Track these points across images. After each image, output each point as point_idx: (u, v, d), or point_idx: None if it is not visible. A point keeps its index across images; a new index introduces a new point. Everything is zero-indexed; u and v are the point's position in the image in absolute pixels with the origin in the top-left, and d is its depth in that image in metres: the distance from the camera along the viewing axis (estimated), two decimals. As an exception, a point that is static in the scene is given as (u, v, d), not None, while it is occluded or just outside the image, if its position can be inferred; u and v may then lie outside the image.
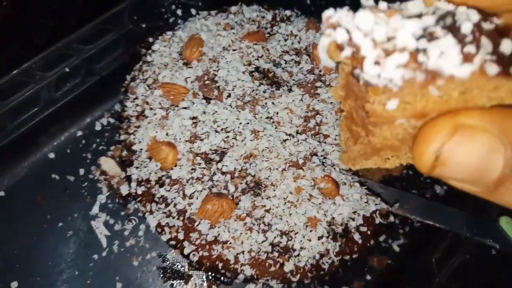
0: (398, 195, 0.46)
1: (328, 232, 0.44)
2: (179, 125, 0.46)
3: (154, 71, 0.50)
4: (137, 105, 0.49)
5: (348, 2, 0.57)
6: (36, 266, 0.45)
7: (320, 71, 0.51)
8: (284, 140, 0.46)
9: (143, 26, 0.53)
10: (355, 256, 0.46)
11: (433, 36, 0.17)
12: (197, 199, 0.44)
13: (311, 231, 0.44)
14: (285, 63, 0.52)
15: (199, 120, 0.46)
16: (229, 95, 0.48)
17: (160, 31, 0.53)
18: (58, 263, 0.45)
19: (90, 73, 0.50)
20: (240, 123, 0.46)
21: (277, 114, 0.48)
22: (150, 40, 0.53)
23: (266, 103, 0.48)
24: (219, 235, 0.43)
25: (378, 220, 0.46)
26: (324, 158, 0.46)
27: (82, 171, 0.49)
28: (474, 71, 0.17)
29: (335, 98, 0.25)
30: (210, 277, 0.45)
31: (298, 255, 0.43)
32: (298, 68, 0.51)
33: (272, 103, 0.48)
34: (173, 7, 0.55)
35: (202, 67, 0.50)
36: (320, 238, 0.44)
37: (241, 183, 0.44)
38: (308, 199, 0.44)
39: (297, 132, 0.47)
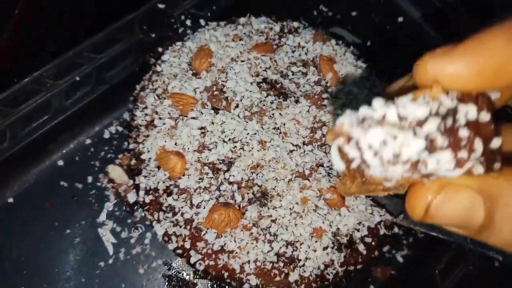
0: (403, 206, 0.46)
1: (333, 243, 0.45)
2: (188, 135, 0.46)
3: (164, 81, 0.50)
4: (146, 114, 0.49)
5: (354, 15, 0.58)
6: (43, 272, 0.45)
7: (326, 82, 0.52)
8: (291, 151, 0.47)
9: (153, 36, 0.54)
10: (359, 266, 0.46)
11: (433, 146, 0.19)
12: (204, 208, 0.44)
13: (316, 241, 0.44)
14: (292, 74, 0.52)
15: (207, 130, 0.47)
16: (237, 106, 0.48)
17: (169, 41, 0.54)
18: (65, 270, 0.45)
19: (100, 81, 0.51)
20: (248, 134, 0.47)
21: (284, 125, 0.48)
22: (160, 50, 0.54)
23: (273, 114, 0.48)
24: (225, 244, 0.43)
25: (382, 231, 0.47)
26: (330, 169, 0.46)
27: (90, 179, 0.49)
28: (462, 173, 0.19)
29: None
30: (216, 286, 0.45)
31: (303, 265, 0.44)
32: (305, 80, 0.52)
33: (279, 114, 0.48)
34: (182, 17, 0.56)
35: (211, 77, 0.50)
36: (325, 248, 0.44)
37: (247, 193, 0.45)
38: (313, 210, 0.44)
39: (303, 143, 0.48)
